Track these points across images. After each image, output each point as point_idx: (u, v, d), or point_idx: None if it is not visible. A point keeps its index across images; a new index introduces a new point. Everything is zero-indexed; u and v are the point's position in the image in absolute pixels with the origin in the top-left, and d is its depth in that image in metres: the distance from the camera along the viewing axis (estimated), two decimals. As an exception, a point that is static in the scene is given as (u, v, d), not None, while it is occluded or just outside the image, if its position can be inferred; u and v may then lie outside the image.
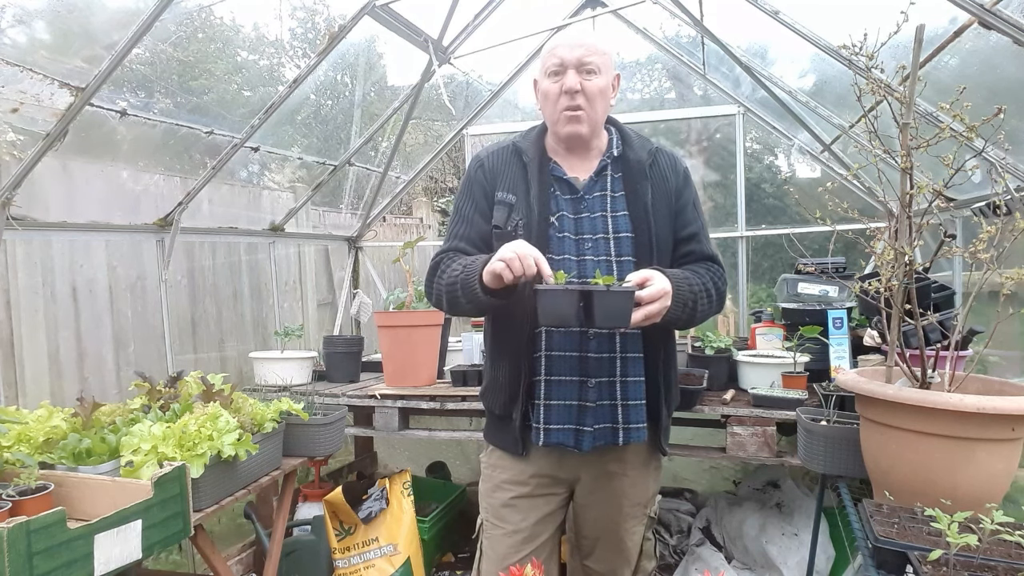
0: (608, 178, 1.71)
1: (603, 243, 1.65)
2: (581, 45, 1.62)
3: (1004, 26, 1.87)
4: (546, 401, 1.65)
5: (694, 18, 2.92)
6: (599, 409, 1.63)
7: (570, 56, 1.62)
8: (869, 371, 1.75)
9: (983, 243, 1.44)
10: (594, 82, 1.62)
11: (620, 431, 1.65)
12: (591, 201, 1.69)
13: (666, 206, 1.70)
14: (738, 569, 2.86)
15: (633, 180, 1.69)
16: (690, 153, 4.31)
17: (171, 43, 2.64)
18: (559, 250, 1.64)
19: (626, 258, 1.65)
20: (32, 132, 2.24)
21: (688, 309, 1.60)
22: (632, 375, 1.65)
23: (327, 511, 2.86)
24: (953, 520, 1.16)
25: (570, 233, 1.65)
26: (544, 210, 1.65)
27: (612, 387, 1.64)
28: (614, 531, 1.76)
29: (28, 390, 2.58)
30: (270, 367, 3.09)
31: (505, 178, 1.71)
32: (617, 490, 1.73)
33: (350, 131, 3.84)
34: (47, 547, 1.30)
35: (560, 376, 1.64)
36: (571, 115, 1.64)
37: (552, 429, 1.64)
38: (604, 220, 1.67)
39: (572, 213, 1.67)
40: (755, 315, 3.28)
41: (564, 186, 1.69)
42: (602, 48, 1.65)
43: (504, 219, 1.66)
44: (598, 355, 1.62)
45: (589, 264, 1.63)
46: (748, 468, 3.61)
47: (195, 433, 1.78)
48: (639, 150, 1.73)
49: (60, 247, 2.74)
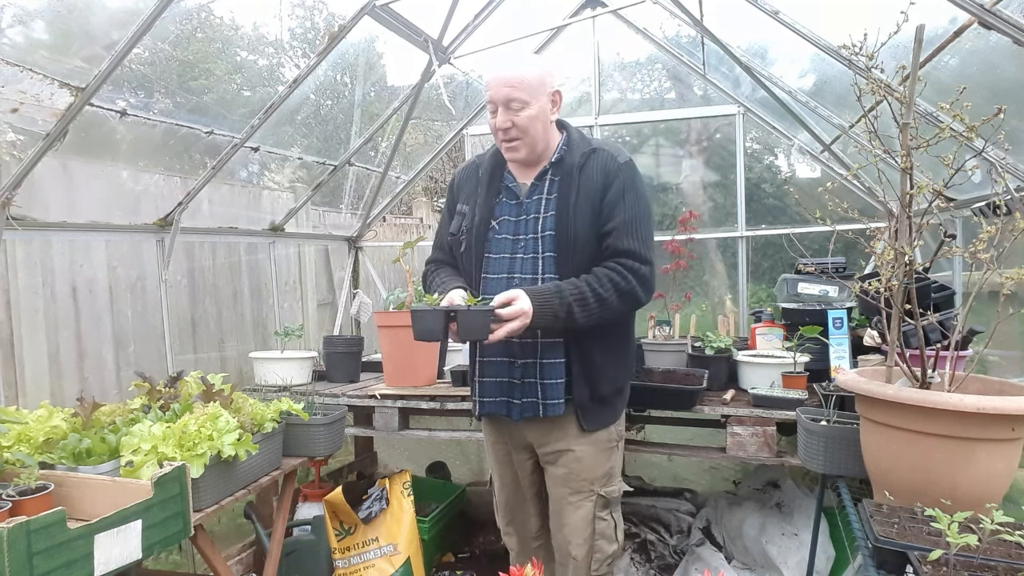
0: (547, 182, 1.91)
1: (532, 242, 1.87)
2: (505, 83, 1.79)
3: (1004, 26, 1.87)
4: (480, 378, 1.96)
5: (694, 18, 2.92)
6: (524, 386, 1.89)
7: (497, 96, 1.81)
8: (869, 371, 1.75)
9: (983, 243, 1.44)
10: (523, 115, 1.81)
11: (540, 405, 1.88)
12: (529, 205, 1.90)
13: (590, 205, 1.84)
14: (738, 569, 2.86)
15: (564, 182, 1.87)
16: (690, 153, 4.31)
17: (171, 43, 2.64)
18: (497, 250, 1.91)
19: (547, 254, 1.85)
20: (32, 132, 2.23)
21: (561, 319, 1.77)
22: (550, 357, 1.87)
23: (327, 511, 2.86)
24: (953, 520, 1.16)
25: (508, 234, 1.90)
26: (486, 215, 1.91)
27: (534, 367, 1.88)
28: (561, 506, 1.97)
29: (28, 390, 2.57)
30: (270, 367, 3.09)
31: (464, 191, 2.00)
32: (564, 464, 1.95)
33: (350, 131, 3.84)
34: (47, 547, 1.30)
35: (491, 357, 1.93)
36: (508, 146, 1.87)
37: (486, 402, 1.96)
38: (536, 221, 1.88)
39: (514, 216, 1.91)
40: (755, 315, 3.28)
41: (509, 193, 1.94)
42: (528, 80, 1.79)
43: (458, 226, 1.96)
44: (521, 340, 1.85)
45: (518, 261, 1.88)
46: (748, 468, 3.61)
47: (195, 433, 1.78)
48: (575, 153, 1.89)
49: (60, 247, 2.73)
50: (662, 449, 2.75)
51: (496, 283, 1.87)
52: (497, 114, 1.83)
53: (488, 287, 1.88)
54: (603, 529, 1.95)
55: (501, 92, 1.80)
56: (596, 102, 4.24)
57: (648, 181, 4.44)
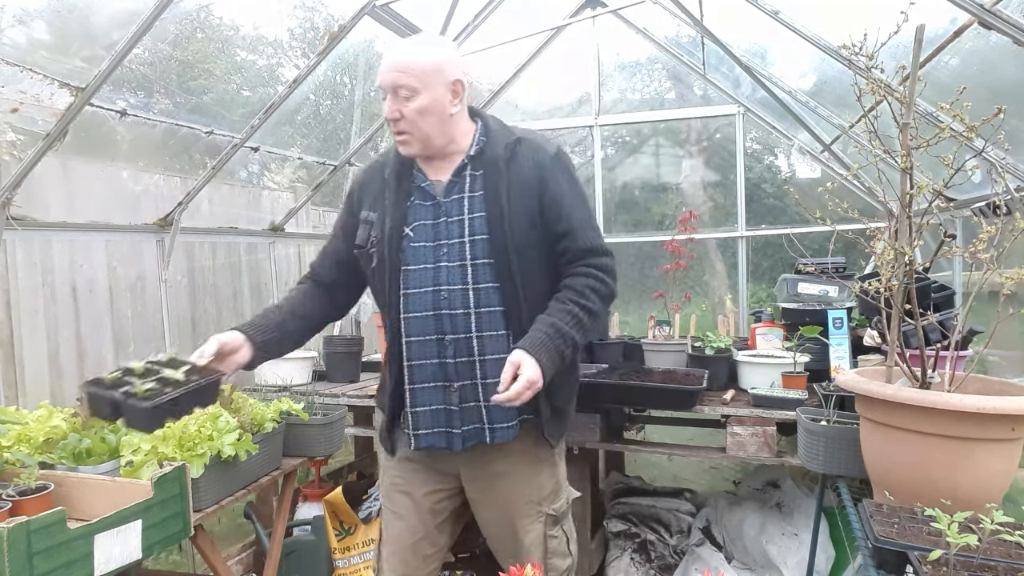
0: (467, 178, 1.65)
1: (458, 247, 1.61)
2: (393, 68, 1.57)
3: (1004, 26, 1.87)
4: (413, 408, 1.65)
5: (694, 18, 2.92)
6: (464, 411, 1.63)
7: (385, 80, 1.59)
8: (869, 371, 1.75)
9: (983, 243, 1.45)
10: (412, 105, 1.57)
11: (487, 431, 1.63)
12: (449, 205, 1.64)
13: (525, 203, 1.63)
14: (738, 569, 2.86)
15: (490, 177, 1.63)
16: (690, 153, 4.31)
17: (171, 43, 2.64)
18: (415, 260, 1.62)
19: (481, 260, 1.60)
20: (32, 132, 2.24)
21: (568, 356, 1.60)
22: (491, 376, 1.58)
23: (327, 511, 2.86)
24: (953, 520, 1.16)
25: (427, 241, 1.63)
26: (398, 223, 1.63)
27: (475, 389, 1.62)
28: (509, 530, 1.74)
29: (28, 390, 2.57)
30: (270, 367, 3.08)
31: (368, 196, 1.72)
32: (504, 489, 1.71)
33: (350, 131, 3.83)
34: (47, 547, 1.30)
35: (423, 383, 1.64)
36: (398, 139, 1.63)
37: (422, 434, 1.65)
38: (461, 224, 1.63)
39: (431, 219, 1.64)
40: (755, 315, 3.28)
41: (423, 193, 1.66)
42: (420, 66, 1.58)
43: (365, 237, 1.67)
44: (455, 360, 1.61)
45: (443, 271, 1.61)
46: (748, 468, 3.61)
47: (195, 433, 1.79)
48: (496, 145, 1.66)
49: (60, 247, 2.73)
50: (662, 449, 2.75)
51: (420, 298, 1.62)
52: (387, 103, 1.61)
53: (410, 304, 1.62)
54: (555, 547, 1.76)
55: (388, 77, 1.57)
56: (596, 102, 4.24)
57: (648, 181, 4.45)
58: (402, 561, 1.74)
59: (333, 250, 1.78)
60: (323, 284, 1.78)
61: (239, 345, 1.56)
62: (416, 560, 1.75)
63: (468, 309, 1.60)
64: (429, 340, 1.62)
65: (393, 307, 1.64)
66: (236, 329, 1.59)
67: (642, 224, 4.38)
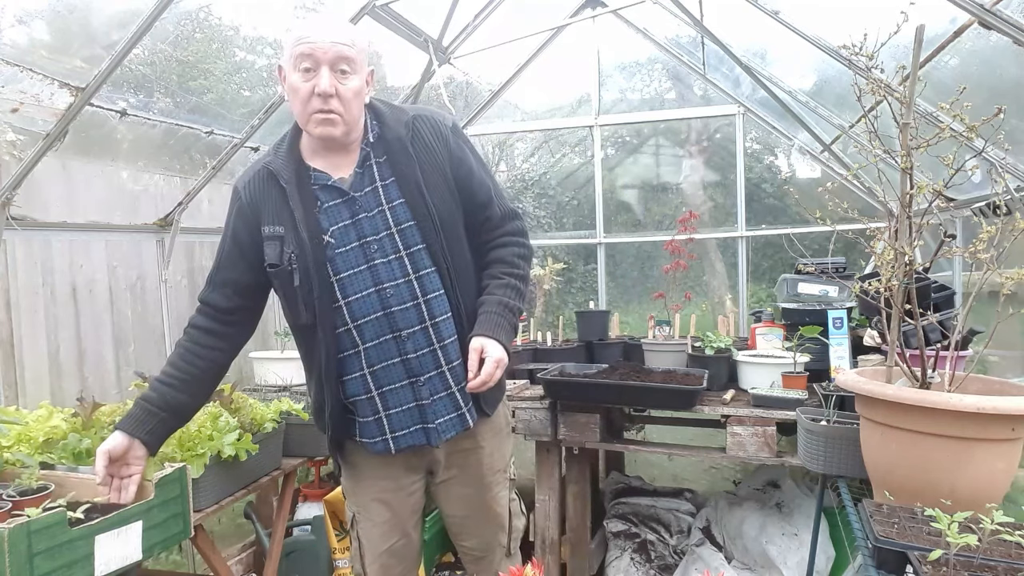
0: (374, 167, 1.57)
1: (388, 240, 1.55)
2: (338, 41, 1.46)
3: (1004, 26, 1.87)
4: (386, 412, 1.60)
5: (694, 18, 2.92)
6: (439, 403, 1.61)
7: (324, 54, 1.45)
8: (869, 371, 1.75)
9: (983, 243, 1.45)
10: (349, 85, 1.49)
11: (466, 414, 1.63)
12: (364, 199, 1.55)
13: (441, 179, 1.59)
14: (738, 569, 2.86)
15: (398, 161, 1.56)
16: (690, 153, 4.31)
17: (170, 43, 2.64)
18: (346, 266, 1.54)
19: (415, 247, 1.55)
20: (32, 132, 2.24)
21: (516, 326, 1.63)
22: (455, 359, 1.60)
23: (327, 511, 2.86)
24: (953, 520, 1.16)
25: (351, 243, 1.54)
26: (315, 232, 1.52)
27: (443, 378, 1.60)
28: (481, 503, 1.75)
29: (28, 390, 2.57)
30: (270, 367, 3.09)
31: (267, 209, 1.56)
32: (475, 463, 1.72)
33: (350, 131, 3.83)
34: (48, 548, 1.30)
35: (390, 385, 1.59)
36: (324, 117, 1.49)
37: (400, 435, 1.61)
38: (383, 215, 1.55)
39: (348, 219, 1.55)
40: (755, 315, 3.28)
41: (332, 193, 1.56)
42: (360, 43, 1.51)
43: (278, 255, 1.54)
44: (417, 353, 1.57)
45: (380, 268, 1.54)
46: (748, 468, 3.61)
47: (195, 433, 1.79)
48: (395, 126, 1.58)
49: (60, 247, 2.73)
50: (662, 449, 2.75)
51: (364, 302, 1.54)
52: (319, 75, 1.45)
53: (355, 310, 1.54)
54: (514, 509, 1.83)
55: (332, 49, 1.45)
56: (596, 102, 4.24)
57: (648, 181, 4.45)
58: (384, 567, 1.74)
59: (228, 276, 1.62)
60: (220, 317, 1.62)
61: (127, 445, 1.48)
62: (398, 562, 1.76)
63: (417, 299, 1.56)
64: (386, 341, 1.56)
65: (327, 320, 1.54)
66: (117, 429, 1.49)
67: (642, 224, 4.38)
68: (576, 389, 2.67)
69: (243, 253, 1.59)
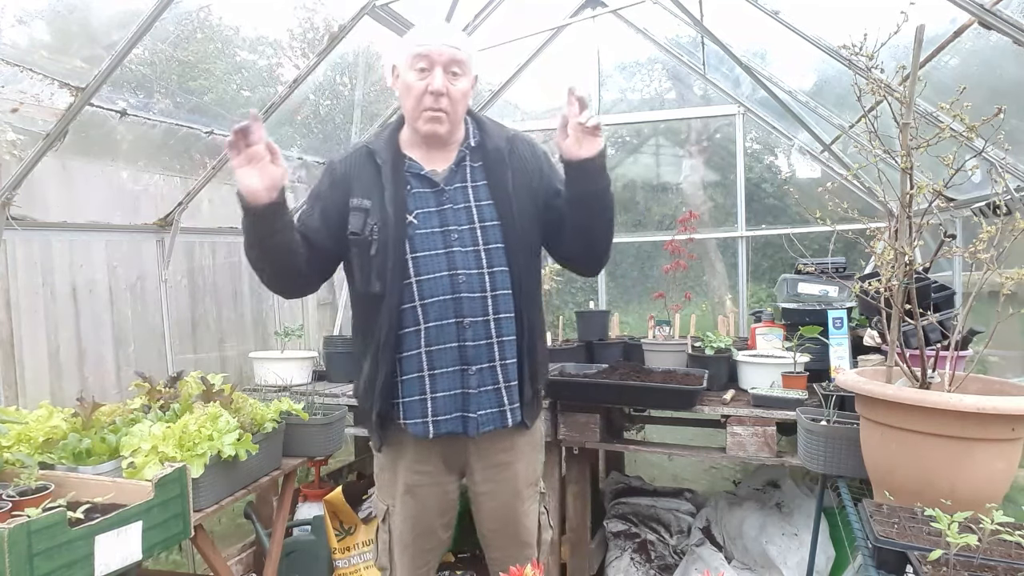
0: (467, 168, 1.71)
1: (468, 234, 1.66)
2: (452, 45, 1.61)
3: (1004, 26, 1.87)
4: (432, 395, 1.66)
5: (694, 18, 2.92)
6: (483, 395, 1.67)
7: (440, 56, 1.60)
8: (869, 371, 1.75)
9: (983, 243, 1.45)
10: (459, 86, 1.63)
11: (508, 412, 1.69)
12: (452, 193, 1.68)
13: (529, 191, 1.72)
14: (738, 569, 2.86)
15: (493, 168, 1.70)
16: (690, 153, 4.31)
17: (171, 43, 2.64)
18: (423, 247, 1.64)
19: (494, 245, 1.67)
20: (32, 132, 2.23)
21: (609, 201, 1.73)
22: (509, 357, 1.69)
23: (327, 511, 2.86)
24: (953, 520, 1.16)
25: (433, 228, 1.65)
26: (400, 210, 1.64)
27: (493, 372, 1.67)
28: (512, 518, 1.79)
29: (28, 390, 2.57)
30: (270, 367, 3.09)
31: (359, 183, 1.68)
32: (510, 477, 1.77)
33: (350, 131, 3.83)
34: (48, 548, 1.30)
35: (442, 368, 1.65)
36: (434, 115, 1.63)
37: (441, 420, 1.66)
38: (468, 210, 1.67)
39: (434, 207, 1.67)
40: (755, 315, 3.28)
41: (422, 182, 1.69)
42: (469, 49, 1.66)
43: (361, 225, 1.64)
44: (475, 343, 1.65)
45: (458, 256, 1.64)
46: (748, 468, 3.61)
47: (195, 433, 1.78)
48: (497, 138, 1.73)
49: (60, 247, 2.73)
50: (662, 449, 2.75)
51: (436, 283, 1.63)
52: (433, 75, 1.59)
53: (424, 289, 1.63)
54: (543, 523, 1.88)
55: (446, 52, 1.59)
56: (596, 102, 4.24)
57: (648, 181, 4.45)
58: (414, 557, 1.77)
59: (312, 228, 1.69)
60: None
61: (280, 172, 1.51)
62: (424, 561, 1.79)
63: (485, 292, 1.65)
64: (448, 324, 1.64)
65: (395, 294, 1.62)
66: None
67: (642, 224, 4.38)
68: (576, 389, 2.67)
69: (327, 221, 1.68)
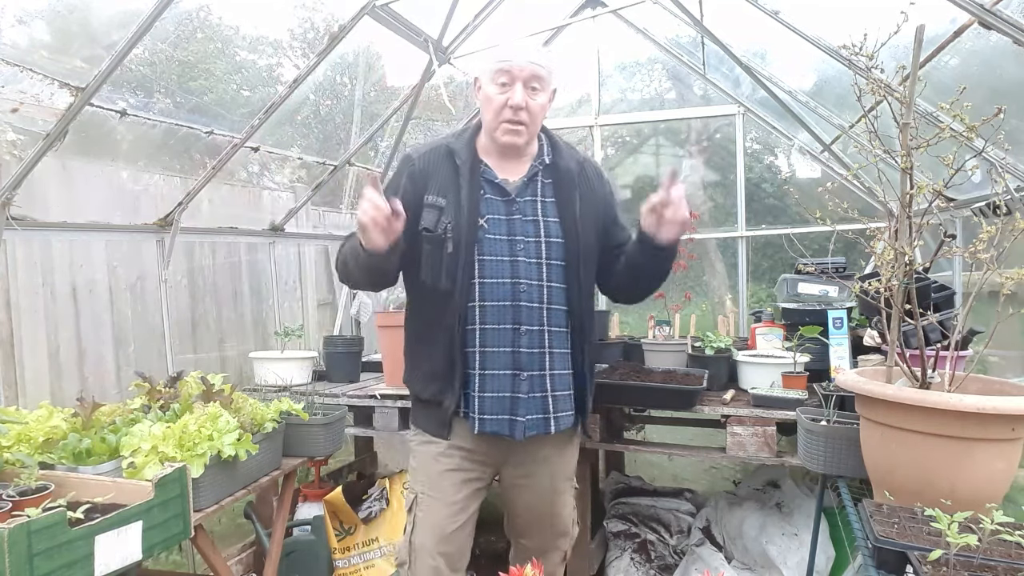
0: (539, 183, 1.78)
1: (534, 246, 1.73)
2: (534, 63, 1.70)
3: (1004, 26, 1.87)
4: (480, 393, 1.73)
5: (694, 18, 2.92)
6: (531, 400, 1.73)
7: (521, 72, 1.69)
8: (869, 371, 1.75)
9: (983, 243, 1.45)
10: (538, 100, 1.72)
11: (552, 420, 1.76)
12: (523, 204, 1.76)
13: (593, 215, 1.80)
14: (738, 569, 2.86)
15: (563, 188, 1.78)
16: (690, 153, 4.31)
17: (170, 43, 2.64)
18: (491, 251, 1.71)
19: (555, 262, 1.74)
20: (32, 132, 2.23)
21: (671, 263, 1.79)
22: (559, 368, 1.77)
23: (327, 511, 2.86)
24: (953, 520, 1.16)
25: (501, 235, 1.72)
26: (474, 212, 1.70)
27: (543, 380, 1.75)
28: (548, 510, 1.88)
29: (28, 390, 2.57)
30: (270, 367, 3.09)
31: (436, 180, 1.74)
32: (548, 472, 1.84)
33: (350, 131, 3.83)
34: (48, 548, 1.30)
35: (494, 370, 1.72)
36: (512, 128, 1.71)
37: (487, 419, 1.72)
38: (536, 224, 1.75)
39: (504, 215, 1.74)
40: (755, 315, 3.28)
41: (495, 189, 1.76)
42: (551, 67, 1.74)
43: (434, 222, 1.71)
44: (529, 350, 1.72)
45: (521, 265, 1.71)
46: (748, 468, 3.61)
47: (195, 433, 1.78)
48: (568, 159, 1.81)
49: (60, 247, 2.73)
50: (662, 449, 2.75)
51: (497, 288, 1.70)
52: (514, 89, 1.68)
53: (487, 292, 1.70)
54: (574, 516, 1.97)
55: (528, 68, 1.69)
56: (596, 102, 4.24)
57: (648, 181, 4.45)
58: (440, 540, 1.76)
59: None
60: None
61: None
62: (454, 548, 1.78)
63: (542, 304, 1.73)
64: (505, 329, 1.71)
65: (463, 294, 1.69)
66: None
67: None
68: (576, 389, 2.67)
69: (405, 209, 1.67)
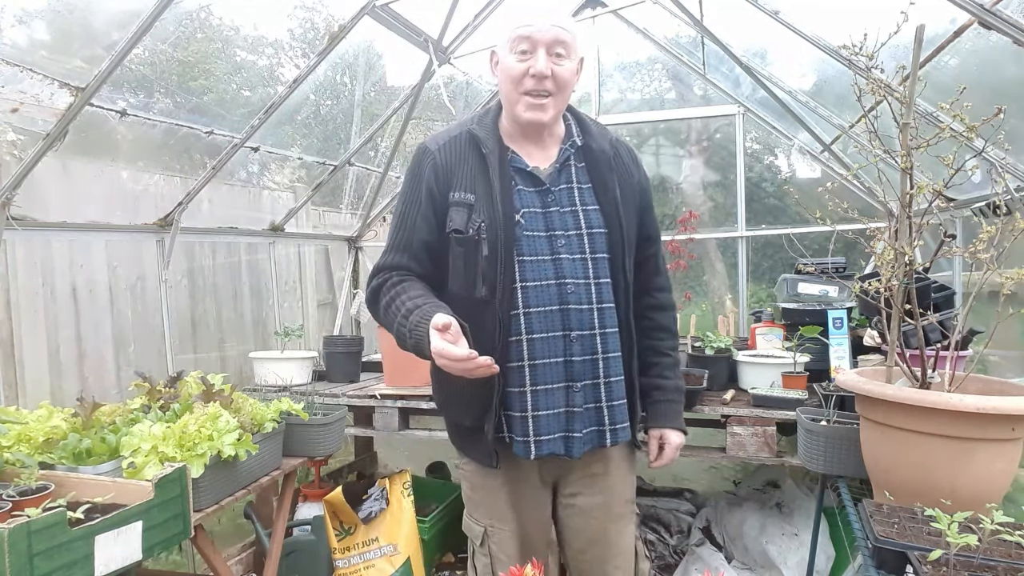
0: (572, 168, 1.58)
1: (576, 239, 1.53)
2: (557, 24, 1.48)
3: (1004, 26, 1.87)
4: (534, 412, 1.51)
5: (694, 18, 2.92)
6: (586, 413, 1.53)
7: (543, 35, 1.46)
8: (869, 371, 1.75)
9: (983, 243, 1.45)
10: (565, 67, 1.49)
11: (607, 432, 1.56)
12: (559, 194, 1.55)
13: (633, 200, 1.62)
14: (738, 569, 2.86)
15: (599, 172, 1.58)
16: (690, 153, 4.31)
17: (171, 43, 2.64)
18: (531, 250, 1.50)
19: (600, 255, 1.55)
20: (32, 132, 2.23)
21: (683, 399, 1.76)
22: (613, 375, 1.56)
23: (327, 511, 2.86)
24: (953, 520, 1.16)
25: (540, 231, 1.51)
26: (509, 208, 1.49)
27: (596, 389, 1.54)
28: (604, 534, 1.66)
29: (28, 390, 2.57)
30: (270, 367, 3.09)
31: (462, 174, 1.52)
32: (604, 491, 1.64)
33: (350, 131, 3.83)
34: (48, 548, 1.30)
35: (546, 385, 1.51)
36: (535, 102, 1.49)
37: (543, 440, 1.51)
38: (575, 215, 1.54)
39: (540, 208, 1.53)
40: (755, 315, 3.28)
41: (527, 178, 1.54)
42: (574, 29, 1.53)
43: (465, 222, 1.49)
44: (582, 358, 1.52)
45: (565, 263, 1.51)
46: (748, 468, 3.61)
47: (195, 433, 1.78)
48: (600, 139, 1.62)
49: (60, 247, 2.73)
50: (662, 449, 2.74)
51: (543, 291, 1.49)
52: (536, 56, 1.46)
53: (531, 298, 1.49)
54: (639, 549, 1.72)
55: (550, 32, 1.46)
56: (596, 102, 4.24)
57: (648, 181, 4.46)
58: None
59: (422, 240, 1.54)
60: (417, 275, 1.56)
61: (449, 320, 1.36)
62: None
63: (592, 304, 1.52)
64: (555, 337, 1.50)
65: (504, 301, 1.47)
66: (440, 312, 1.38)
67: (642, 224, 4.38)
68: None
69: (435, 211, 1.53)
